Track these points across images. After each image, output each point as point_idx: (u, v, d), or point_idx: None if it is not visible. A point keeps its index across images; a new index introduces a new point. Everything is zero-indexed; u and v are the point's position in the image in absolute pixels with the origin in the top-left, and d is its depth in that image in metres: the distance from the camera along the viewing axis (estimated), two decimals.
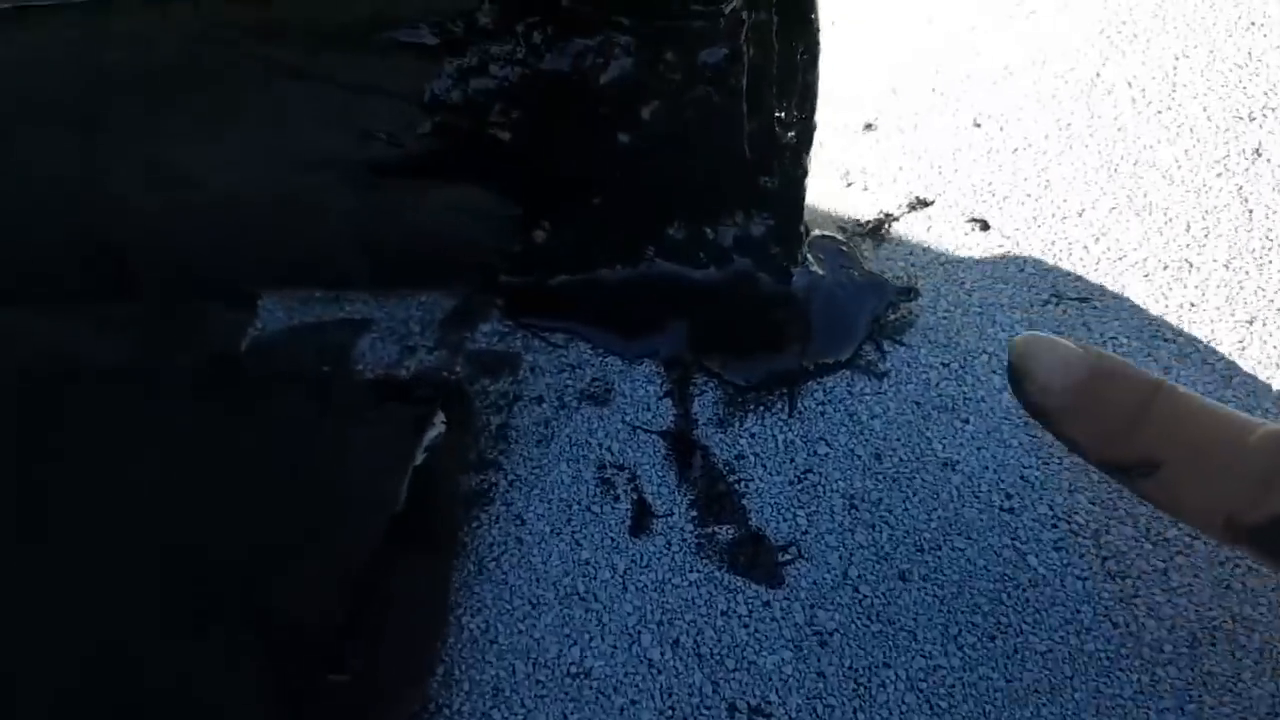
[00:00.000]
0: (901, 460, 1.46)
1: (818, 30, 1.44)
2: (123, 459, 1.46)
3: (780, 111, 1.47)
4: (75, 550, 1.37)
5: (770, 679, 1.28)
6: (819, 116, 1.81)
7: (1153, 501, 0.35)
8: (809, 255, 1.65)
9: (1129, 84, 1.92)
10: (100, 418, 1.51)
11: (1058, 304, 1.60)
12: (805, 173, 1.54)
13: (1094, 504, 1.39)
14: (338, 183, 1.56)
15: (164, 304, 1.72)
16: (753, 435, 1.51)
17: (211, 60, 1.42)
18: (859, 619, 1.32)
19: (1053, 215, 1.72)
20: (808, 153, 1.52)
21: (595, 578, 1.39)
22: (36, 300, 1.73)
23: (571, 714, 1.27)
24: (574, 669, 1.31)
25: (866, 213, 1.78)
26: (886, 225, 1.75)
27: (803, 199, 1.57)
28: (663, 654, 1.31)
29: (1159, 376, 0.40)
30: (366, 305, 1.69)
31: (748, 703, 1.27)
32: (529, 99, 1.44)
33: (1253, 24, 1.99)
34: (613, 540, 1.42)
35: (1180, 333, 1.55)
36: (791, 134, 1.50)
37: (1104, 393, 0.39)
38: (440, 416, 1.45)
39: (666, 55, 1.37)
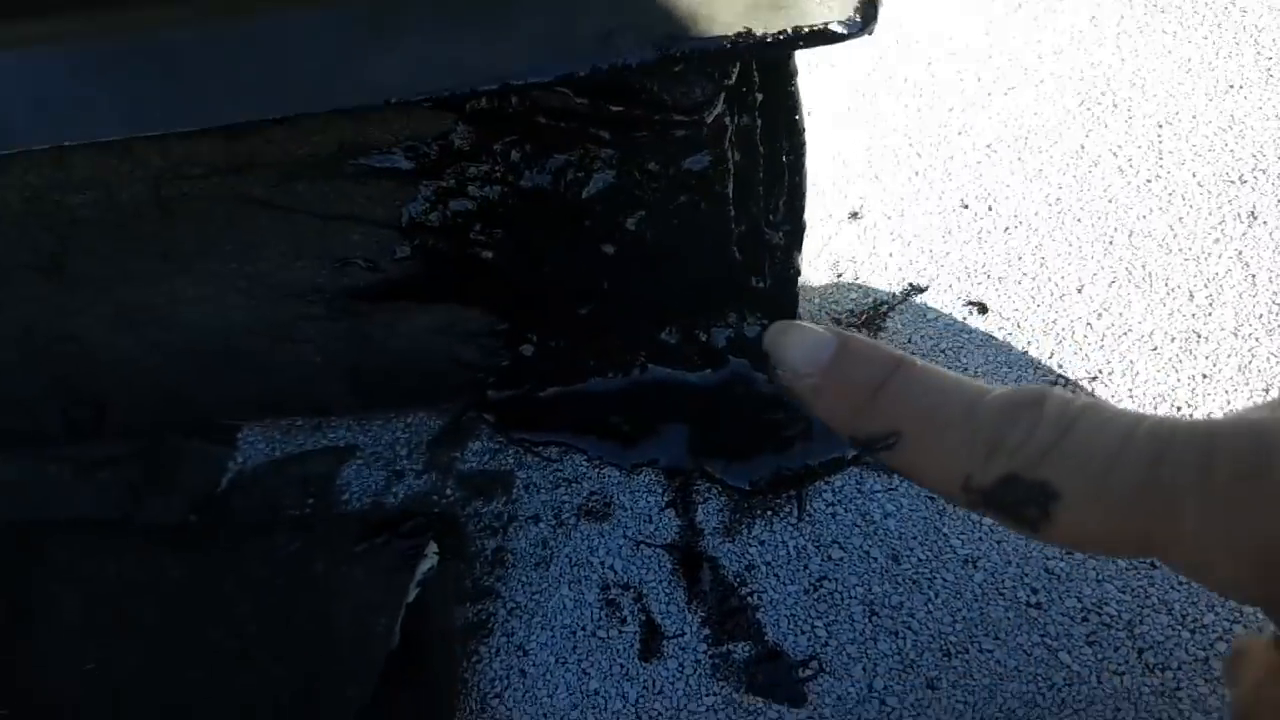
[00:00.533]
0: (920, 560, 1.39)
1: (803, 131, 1.41)
2: (102, 613, 1.40)
3: (769, 213, 1.43)
4: (53, 712, 1.30)
5: None
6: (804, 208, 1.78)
7: (900, 472, 0.34)
8: None
9: (1114, 154, 1.90)
10: (78, 570, 1.45)
11: (1065, 385, 1.55)
12: (797, 271, 1.50)
13: (1124, 593, 1.32)
14: (315, 311, 1.52)
15: (143, 445, 1.66)
16: (762, 543, 1.44)
17: (179, 198, 1.39)
18: None
19: (1051, 293, 1.68)
20: (798, 251, 1.48)
21: (606, 709, 1.31)
22: (11, 447, 1.68)
23: None
24: None
25: (860, 302, 1.74)
26: (882, 314, 1.71)
27: (796, 297, 1.53)
28: None
29: (904, 354, 0.39)
30: (350, 431, 1.64)
31: None
32: (510, 217, 1.40)
33: (1231, 87, 1.98)
34: (622, 667, 1.34)
35: (1195, 406, 1.49)
36: (780, 235, 1.46)
37: (848, 370, 0.38)
38: (432, 547, 1.39)
39: (649, 165, 1.34)
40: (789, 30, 1.09)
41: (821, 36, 1.09)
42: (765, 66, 1.33)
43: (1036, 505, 0.33)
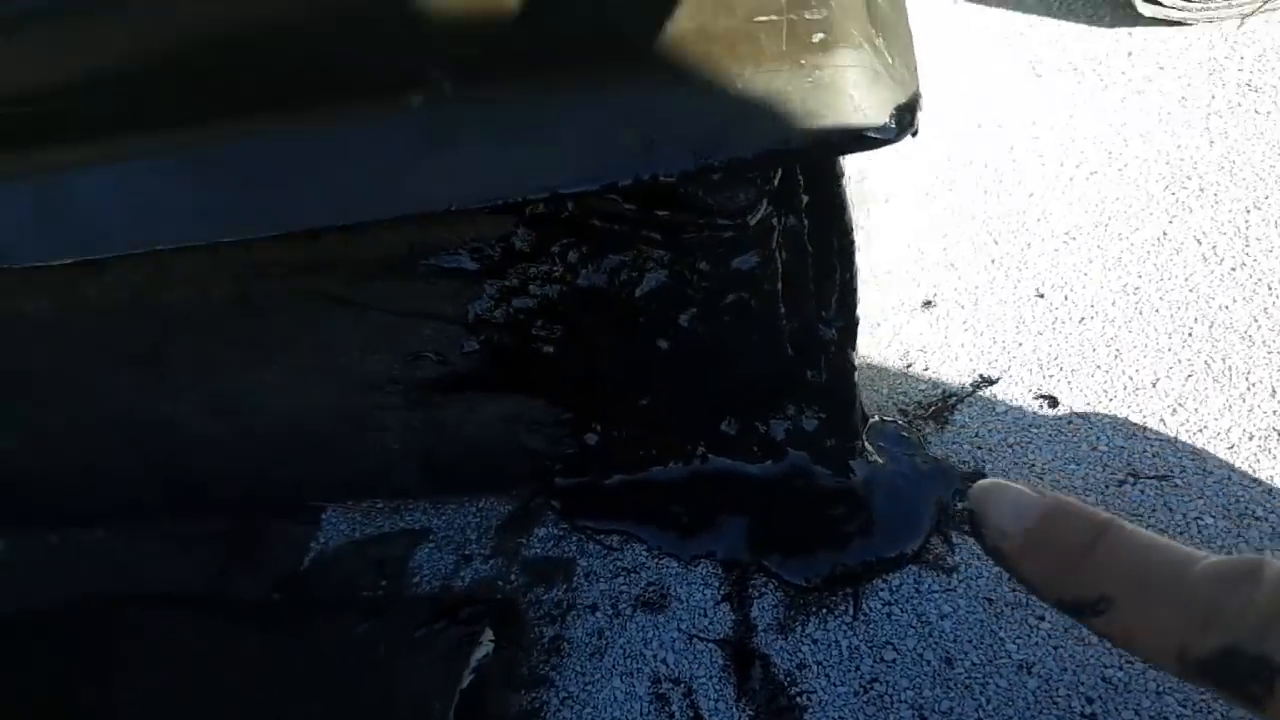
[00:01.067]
0: (974, 664, 1.38)
1: (852, 230, 1.43)
2: (183, 684, 1.48)
3: (821, 309, 1.45)
4: None
5: None
6: (877, 296, 1.80)
7: (1111, 640, 0.33)
8: (868, 443, 1.61)
9: (1198, 241, 1.86)
10: (162, 642, 1.53)
11: (1135, 483, 1.52)
12: (853, 365, 1.51)
13: (1184, 706, 1.28)
14: (391, 401, 1.60)
15: (232, 522, 1.76)
16: (815, 641, 1.44)
17: (262, 295, 1.48)
18: None
19: (1124, 387, 1.65)
20: (853, 346, 1.49)
21: None
22: (115, 521, 1.80)
23: None
24: None
25: (928, 394, 1.74)
26: (950, 406, 1.70)
27: (854, 389, 1.54)
28: None
29: (1111, 515, 0.39)
30: (425, 514, 1.71)
31: None
32: (569, 313, 1.45)
33: None
34: None
35: (1273, 509, 1.44)
36: (834, 330, 1.47)
37: (1055, 533, 0.38)
38: (489, 635, 1.43)
39: (699, 265, 1.38)
40: (822, 138, 1.12)
41: (857, 143, 1.12)
42: (809, 169, 1.35)
43: (1260, 681, 0.32)
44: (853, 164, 1.75)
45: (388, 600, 1.58)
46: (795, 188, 1.35)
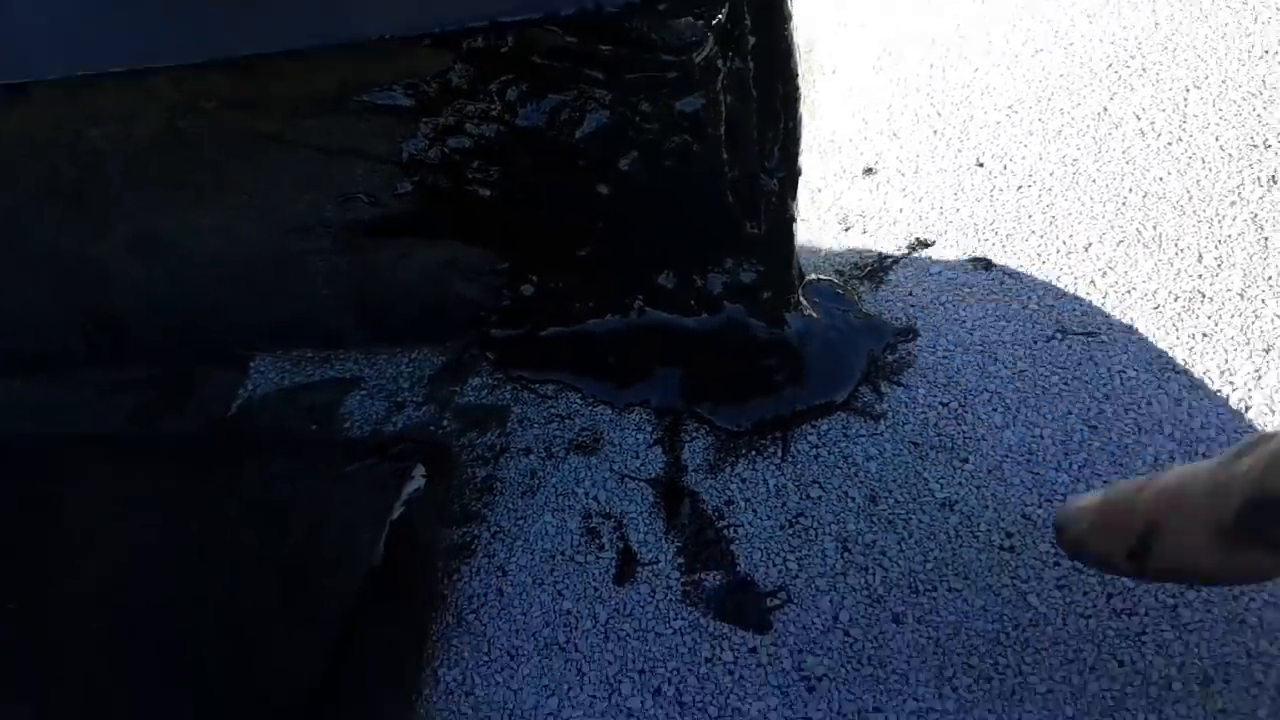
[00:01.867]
0: (897, 502, 1.40)
1: (797, 77, 1.42)
2: (109, 523, 1.46)
3: (763, 158, 1.45)
4: (56, 609, 1.37)
5: None
6: (819, 164, 1.80)
7: (1163, 568, 0.37)
8: (804, 299, 1.62)
9: (1138, 117, 1.88)
10: (90, 482, 1.52)
11: (1063, 339, 1.54)
12: (793, 218, 1.51)
13: None
14: (323, 244, 1.58)
15: (161, 369, 1.74)
16: (744, 480, 1.46)
17: (193, 131, 1.45)
18: (849, 663, 1.26)
19: (1058, 251, 1.67)
20: (794, 198, 1.49)
21: (576, 628, 1.34)
22: (38, 369, 1.76)
23: None
24: None
25: (865, 255, 1.75)
26: (885, 267, 1.72)
27: (792, 244, 1.55)
28: (643, 703, 1.26)
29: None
30: (356, 364, 1.70)
31: None
32: (507, 155, 1.44)
33: (1266, 52, 1.94)
34: (596, 590, 1.38)
35: (1192, 364, 1.48)
36: (775, 181, 1.47)
37: (1110, 508, 0.44)
38: (420, 470, 1.43)
39: (642, 106, 1.36)
40: None
41: None
42: (756, 9, 1.34)
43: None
44: (801, 35, 1.74)
45: (313, 440, 1.58)
46: (742, 27, 1.34)
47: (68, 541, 1.45)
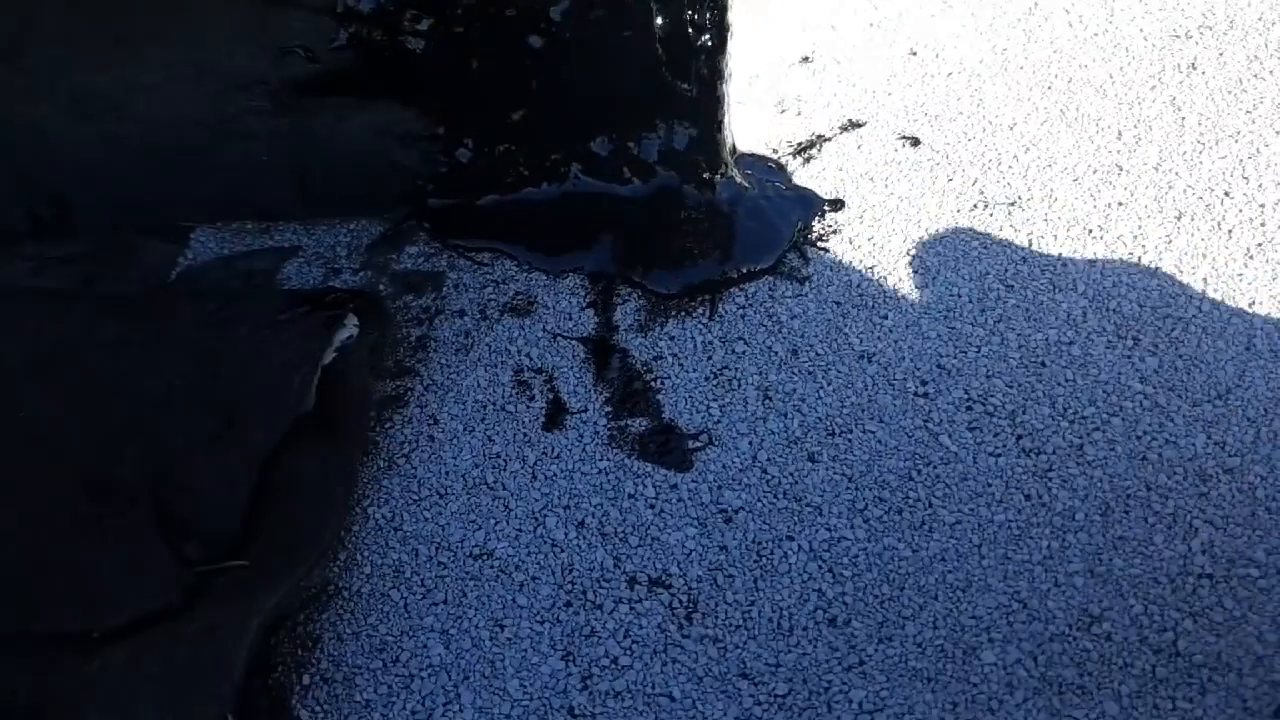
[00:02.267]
0: (818, 355, 1.44)
1: None
2: (43, 367, 1.47)
3: (691, 11, 1.47)
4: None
5: (673, 553, 1.26)
6: (758, 53, 1.82)
7: None
8: (735, 170, 1.65)
9: (1066, 11, 1.92)
10: (25, 329, 1.52)
11: (985, 208, 1.59)
12: (723, 78, 1.54)
13: (1011, 387, 1.37)
14: (260, 104, 1.58)
15: (100, 240, 1.73)
16: (672, 338, 1.50)
17: None
18: (765, 497, 1.30)
19: (984, 130, 1.71)
20: (723, 56, 1.52)
21: (505, 469, 1.37)
22: None
23: (470, 591, 1.26)
24: (476, 550, 1.29)
25: (799, 134, 1.78)
26: (818, 145, 1.75)
27: (723, 106, 1.57)
28: (566, 535, 1.30)
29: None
30: (295, 234, 1.71)
31: (648, 575, 1.25)
32: (439, 4, 1.45)
33: None
34: (525, 435, 1.41)
35: (1107, 230, 1.53)
36: (705, 37, 1.49)
37: None
38: (352, 320, 1.45)
39: None
40: None
41: None
42: None
43: None
44: None
45: (246, 290, 1.59)
46: None
47: (6, 381, 1.45)
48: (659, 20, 1.44)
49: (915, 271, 1.52)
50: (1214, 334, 1.39)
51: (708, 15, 1.50)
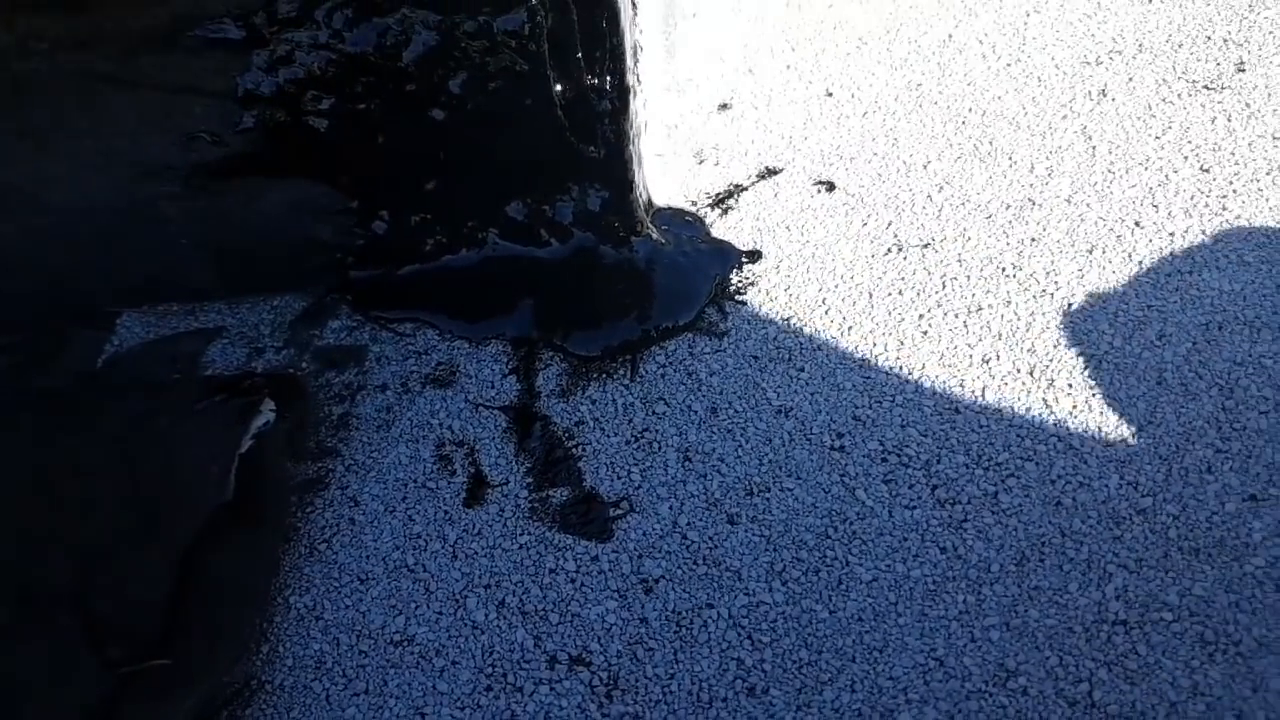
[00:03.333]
0: (737, 411, 1.45)
1: None
2: None
3: (592, 77, 1.47)
4: None
5: (593, 629, 1.26)
6: (676, 101, 1.83)
7: None
8: (652, 227, 1.65)
9: (980, 41, 1.93)
10: None
11: (900, 252, 1.59)
12: (629, 140, 1.54)
13: (925, 436, 1.37)
14: (172, 189, 1.58)
15: (26, 330, 1.73)
16: (594, 401, 1.50)
17: (30, 75, 1.44)
18: (685, 564, 1.30)
19: (898, 170, 1.72)
20: (626, 119, 1.52)
21: (425, 550, 1.37)
22: None
23: (391, 680, 1.25)
24: (397, 637, 1.29)
25: (716, 185, 1.79)
26: (735, 195, 1.75)
27: (631, 167, 1.58)
28: (487, 615, 1.29)
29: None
30: (220, 314, 1.70)
31: (568, 653, 1.24)
32: (339, 83, 1.45)
33: None
34: (446, 513, 1.41)
35: (1020, 267, 1.54)
36: (607, 101, 1.50)
37: None
38: (269, 405, 1.45)
39: (465, 25, 1.38)
40: None
41: None
42: None
43: None
44: None
45: (168, 382, 1.58)
46: None
47: None
48: (558, 87, 1.45)
49: (831, 321, 1.52)
50: (1125, 370, 1.39)
51: (608, 79, 1.50)
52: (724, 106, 1.95)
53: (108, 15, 1.41)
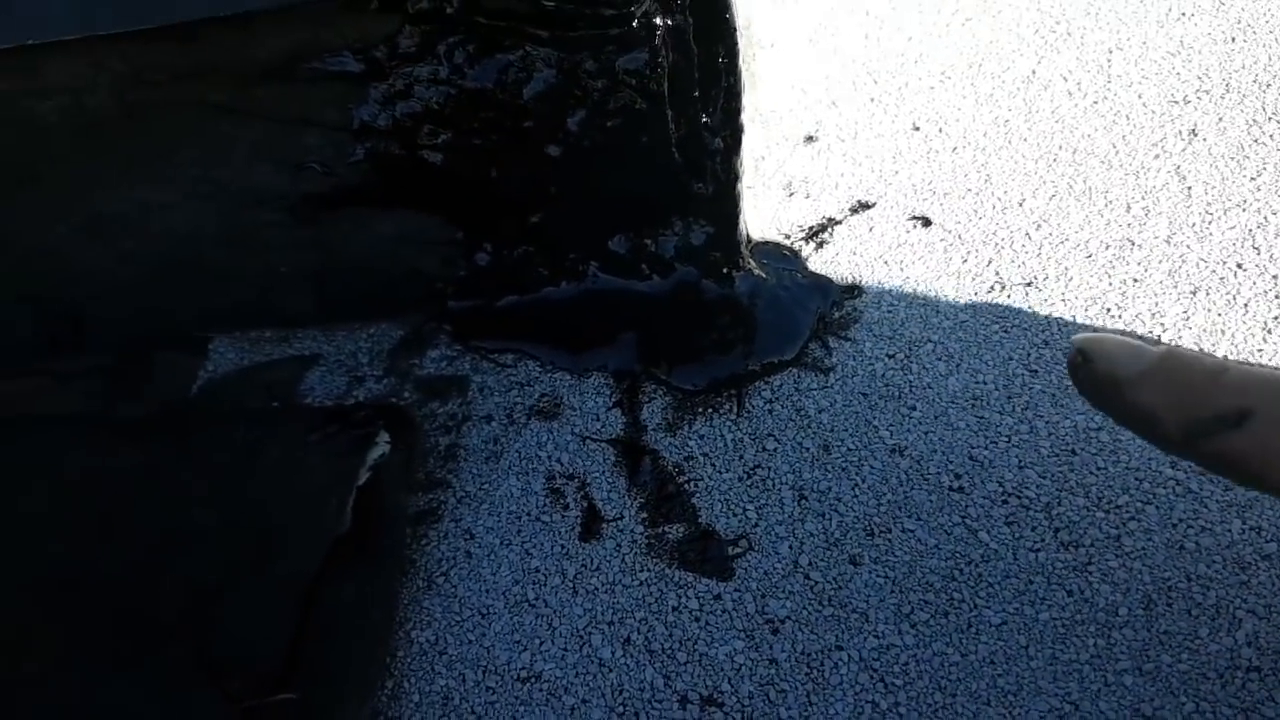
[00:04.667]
0: (849, 450, 1.45)
1: (735, 33, 1.46)
2: (66, 500, 1.46)
3: (706, 117, 1.48)
4: (29, 587, 1.37)
5: (722, 669, 1.26)
6: (761, 133, 1.84)
7: (1241, 458, 0.33)
8: (752, 260, 1.66)
9: (1064, 79, 1.94)
10: (45, 460, 1.51)
11: (1002, 290, 1.60)
12: (738, 177, 1.55)
13: (1044, 478, 1.38)
14: (278, 218, 1.59)
15: (118, 355, 1.73)
16: (701, 437, 1.50)
17: (143, 104, 1.45)
18: (810, 605, 1.31)
19: (993, 207, 1.73)
20: (738, 156, 1.53)
21: (545, 584, 1.37)
22: None
23: (522, 717, 1.25)
24: (524, 673, 1.29)
25: (809, 218, 1.79)
26: (829, 229, 1.76)
27: (739, 203, 1.59)
28: (613, 653, 1.29)
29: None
30: (315, 341, 1.71)
31: (699, 694, 1.25)
32: (456, 118, 1.46)
33: (1183, 14, 2.02)
34: (563, 547, 1.41)
35: (1125, 308, 1.54)
36: (719, 140, 1.51)
37: (1175, 366, 0.38)
38: (384, 436, 1.45)
39: (586, 64, 1.39)
40: None
41: None
42: None
43: None
44: (740, 12, 1.78)
45: (276, 410, 1.59)
46: None
47: (32, 520, 1.45)
48: (674, 126, 1.45)
49: (938, 359, 1.53)
50: None
51: (722, 118, 1.51)
52: (810, 139, 1.96)
53: (224, 47, 1.42)
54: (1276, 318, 1.49)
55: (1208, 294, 1.54)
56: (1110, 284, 1.57)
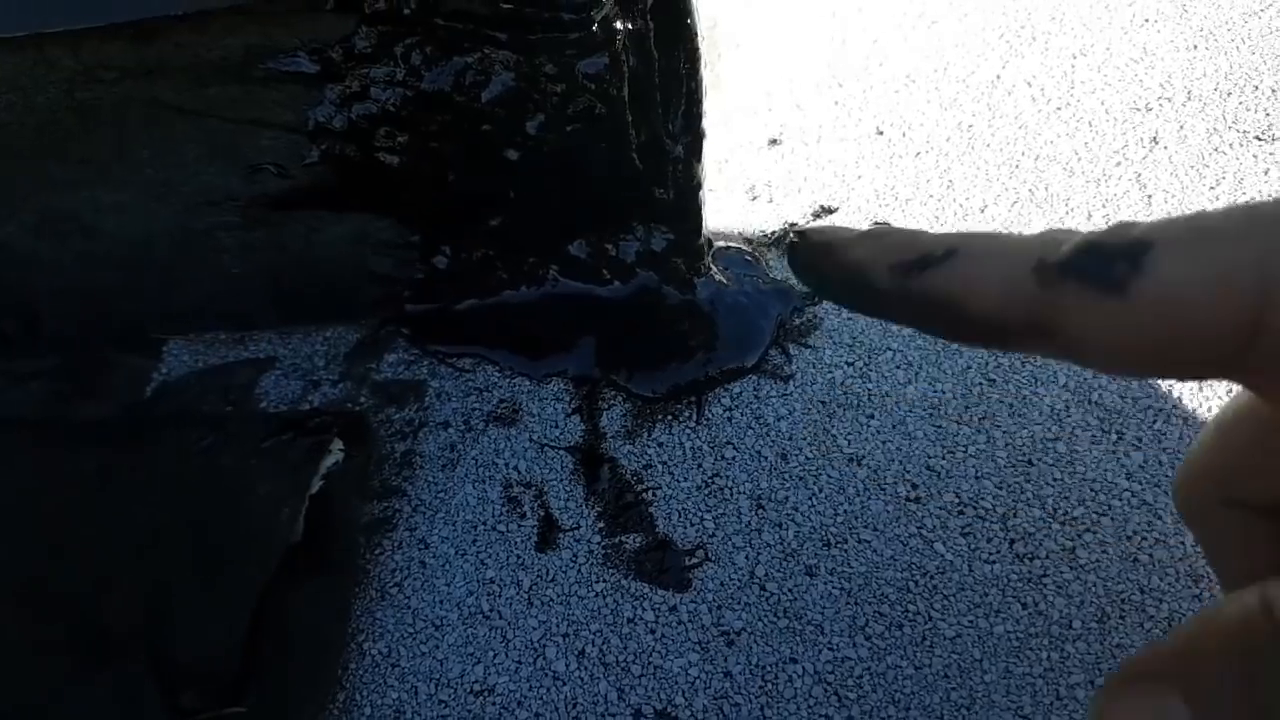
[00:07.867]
0: (807, 459, 1.45)
1: (696, 38, 1.45)
2: (20, 505, 1.44)
3: (668, 122, 1.47)
4: None
5: (676, 682, 1.26)
6: (725, 135, 1.83)
7: (948, 297, 0.32)
8: (713, 266, 1.65)
9: (1029, 84, 1.94)
10: (3, 467, 1.49)
11: None
12: (699, 183, 1.54)
13: (1000, 489, 1.38)
14: (232, 219, 1.56)
15: (69, 355, 1.70)
16: (660, 444, 1.49)
17: (94, 102, 1.42)
18: (766, 616, 1.30)
19: (954, 213, 1.73)
20: (699, 162, 1.52)
21: (500, 595, 1.36)
22: None
23: None
24: (477, 687, 1.28)
25: (771, 223, 1.79)
26: (790, 234, 1.75)
27: (700, 209, 1.58)
28: (568, 665, 1.28)
29: None
30: (271, 344, 1.68)
31: (654, 707, 1.24)
32: (413, 121, 1.44)
33: (1147, 20, 2.02)
34: (518, 557, 1.40)
35: None
36: (680, 146, 1.50)
37: (888, 228, 0.38)
38: (338, 444, 1.43)
39: (546, 68, 1.38)
40: None
41: None
42: None
43: (1126, 260, 0.27)
44: (705, 11, 1.77)
45: (229, 417, 1.56)
46: None
47: None
48: (634, 131, 1.44)
49: (897, 367, 1.53)
50: (1194, 425, 1.41)
51: (683, 123, 1.50)
52: (774, 142, 1.95)
53: (178, 45, 1.39)
54: None
55: None
56: None
